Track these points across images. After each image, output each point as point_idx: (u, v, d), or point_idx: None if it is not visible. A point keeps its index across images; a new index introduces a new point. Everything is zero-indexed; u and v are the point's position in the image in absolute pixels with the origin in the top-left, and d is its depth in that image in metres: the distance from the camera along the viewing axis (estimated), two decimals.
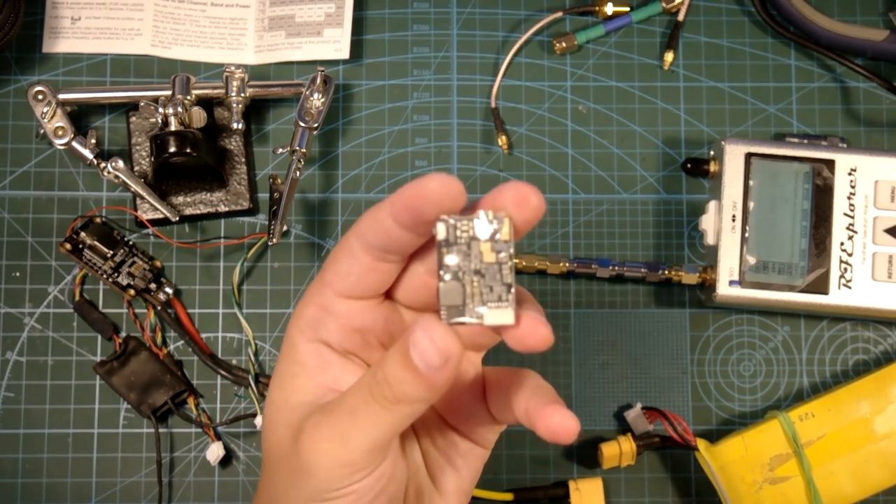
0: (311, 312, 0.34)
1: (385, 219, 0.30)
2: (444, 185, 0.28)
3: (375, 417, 0.30)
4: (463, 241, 0.29)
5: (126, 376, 0.55)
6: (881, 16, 0.61)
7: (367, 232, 0.31)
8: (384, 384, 0.30)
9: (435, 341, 0.28)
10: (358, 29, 0.60)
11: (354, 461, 0.31)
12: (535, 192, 0.29)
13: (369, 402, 0.30)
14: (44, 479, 0.55)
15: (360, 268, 0.32)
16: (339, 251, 0.33)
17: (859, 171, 0.55)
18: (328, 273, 0.33)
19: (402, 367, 0.29)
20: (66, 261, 0.57)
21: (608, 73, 0.60)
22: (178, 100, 0.54)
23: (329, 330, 0.34)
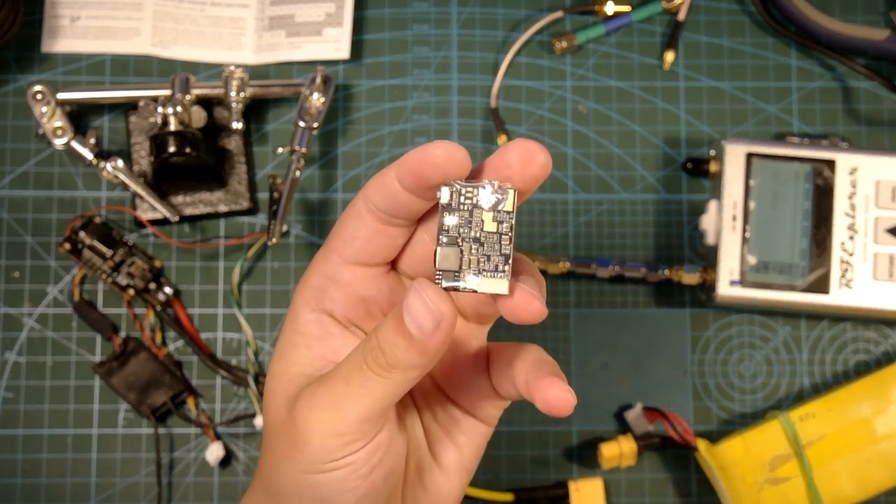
0: (315, 282, 0.34)
1: (391, 182, 0.30)
2: (449, 152, 0.28)
3: (369, 385, 0.30)
4: (466, 207, 0.29)
5: (125, 376, 0.55)
6: (882, 15, 0.60)
7: (373, 194, 0.31)
8: (377, 350, 0.30)
9: (428, 304, 0.28)
10: (358, 29, 0.60)
11: (348, 430, 0.30)
12: (541, 149, 0.29)
13: (363, 370, 0.30)
14: (43, 480, 0.55)
15: (367, 231, 0.32)
16: (346, 215, 0.33)
17: (860, 170, 0.54)
18: (334, 239, 0.33)
19: (395, 331, 0.29)
20: (65, 261, 0.57)
21: (608, 73, 0.60)
22: (178, 99, 0.54)
23: (333, 299, 0.33)
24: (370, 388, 0.30)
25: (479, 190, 0.29)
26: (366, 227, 0.32)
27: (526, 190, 0.29)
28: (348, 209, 0.33)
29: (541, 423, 0.56)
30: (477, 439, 0.37)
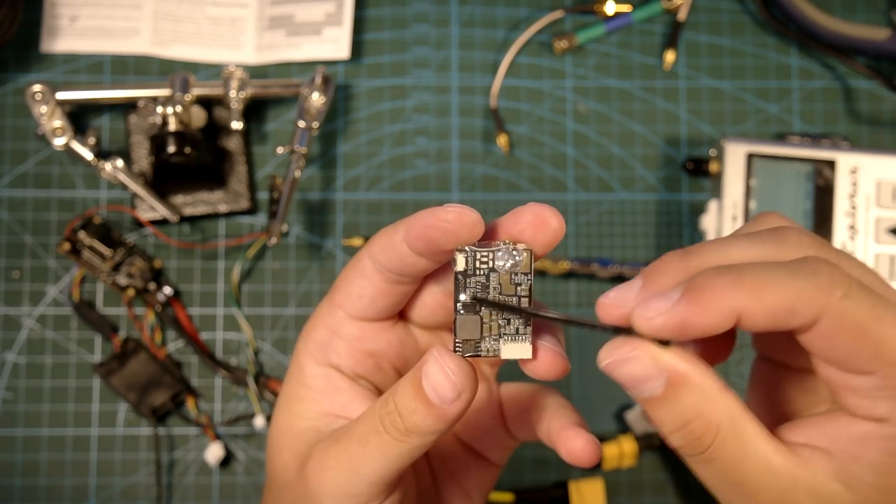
0: (320, 335, 0.33)
1: (399, 244, 0.29)
2: (461, 216, 0.27)
3: (385, 448, 0.29)
4: (482, 272, 0.28)
5: (125, 377, 0.55)
6: (883, 15, 0.60)
7: (380, 255, 0.30)
8: (395, 414, 0.29)
9: (448, 375, 0.28)
10: (358, 29, 0.60)
11: (362, 492, 0.30)
12: (554, 214, 0.28)
13: (380, 433, 0.29)
14: (42, 480, 0.55)
15: (374, 290, 0.31)
16: (351, 271, 0.32)
17: (861, 170, 0.54)
18: (339, 294, 0.32)
19: (413, 397, 0.28)
20: (65, 261, 0.56)
21: (609, 73, 0.60)
22: (178, 99, 0.54)
23: (339, 353, 0.33)
24: (386, 452, 0.29)
25: (495, 253, 0.28)
26: (372, 286, 0.31)
27: (538, 255, 0.29)
28: (352, 265, 0.32)
29: None
30: (486, 483, 0.37)
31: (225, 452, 0.55)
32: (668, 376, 0.25)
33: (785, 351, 0.30)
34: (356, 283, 0.32)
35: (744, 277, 0.24)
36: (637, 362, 0.25)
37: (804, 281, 0.24)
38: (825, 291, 0.24)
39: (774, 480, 0.26)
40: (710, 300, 0.24)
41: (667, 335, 0.25)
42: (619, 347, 0.25)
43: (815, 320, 0.24)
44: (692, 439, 0.26)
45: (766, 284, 0.24)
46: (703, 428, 0.25)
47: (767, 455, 0.26)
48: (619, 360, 0.25)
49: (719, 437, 0.25)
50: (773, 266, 0.25)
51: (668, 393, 0.25)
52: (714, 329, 0.25)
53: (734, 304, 0.24)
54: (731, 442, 0.25)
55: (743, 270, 0.25)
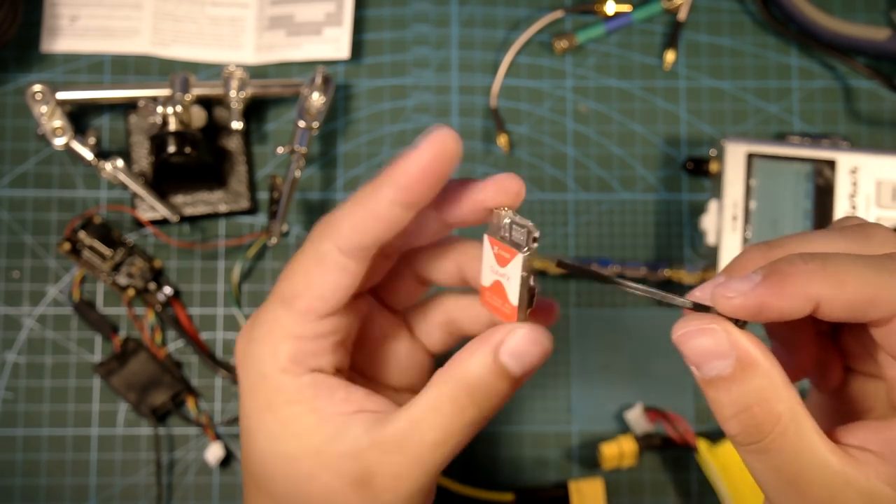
0: (289, 348, 0.31)
1: (388, 210, 0.29)
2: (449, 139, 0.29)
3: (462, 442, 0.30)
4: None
5: (125, 377, 0.55)
6: (883, 15, 0.60)
7: (356, 235, 0.29)
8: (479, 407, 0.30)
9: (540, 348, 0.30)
10: (358, 28, 0.60)
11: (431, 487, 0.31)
12: (514, 179, 0.30)
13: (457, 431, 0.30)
14: (43, 480, 0.55)
15: (350, 279, 0.30)
16: (311, 267, 0.30)
17: (861, 170, 0.54)
18: (300, 298, 0.31)
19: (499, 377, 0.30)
20: (65, 261, 0.56)
21: (609, 73, 0.60)
22: (178, 99, 0.54)
23: (317, 357, 0.32)
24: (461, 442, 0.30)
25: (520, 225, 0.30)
26: (347, 276, 0.30)
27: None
28: (307, 258, 0.30)
29: (541, 423, 0.56)
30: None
31: (225, 452, 0.55)
32: (738, 355, 0.25)
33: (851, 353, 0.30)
34: (321, 280, 0.30)
35: (827, 265, 0.25)
36: (711, 335, 0.25)
37: (889, 275, 0.25)
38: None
39: (829, 479, 0.26)
40: (792, 284, 0.25)
41: (744, 315, 0.25)
42: (695, 320, 0.26)
43: (893, 315, 0.25)
44: (751, 425, 0.26)
45: (849, 275, 0.25)
46: (765, 415, 0.25)
47: (824, 453, 0.26)
48: (693, 331, 0.26)
49: (779, 427, 0.26)
50: (858, 258, 0.25)
51: (735, 373, 0.25)
52: (792, 313, 0.25)
53: (815, 291, 0.25)
54: (791, 435, 0.26)
55: (827, 259, 0.25)
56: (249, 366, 0.32)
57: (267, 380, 0.31)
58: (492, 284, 0.31)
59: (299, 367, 0.31)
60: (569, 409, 0.56)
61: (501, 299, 0.31)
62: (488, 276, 0.31)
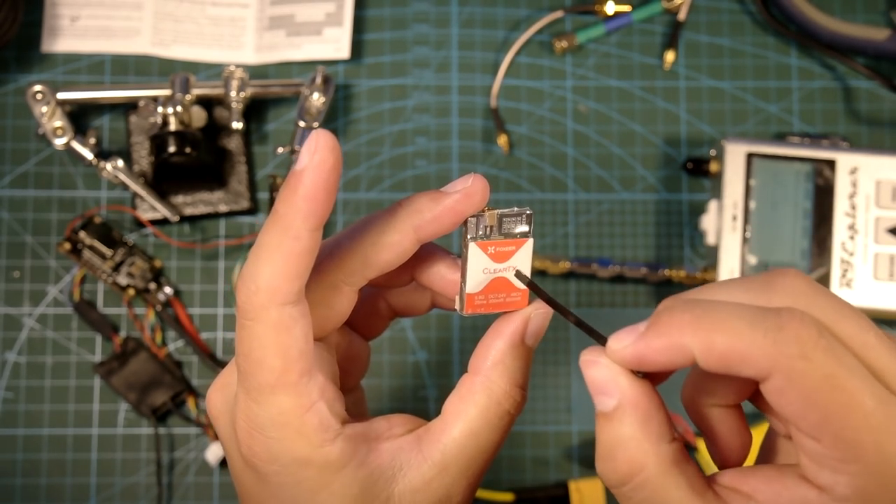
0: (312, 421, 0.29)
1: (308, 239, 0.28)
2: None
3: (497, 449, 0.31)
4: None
5: (126, 376, 0.55)
6: (882, 15, 0.60)
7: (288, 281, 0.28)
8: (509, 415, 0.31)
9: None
10: (358, 29, 0.60)
11: None
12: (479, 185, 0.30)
13: (492, 443, 0.31)
14: (43, 480, 0.55)
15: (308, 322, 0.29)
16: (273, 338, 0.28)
17: (861, 170, 0.54)
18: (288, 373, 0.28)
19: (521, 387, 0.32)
20: (65, 261, 0.57)
21: (608, 73, 0.60)
22: (178, 99, 0.54)
23: (335, 408, 0.30)
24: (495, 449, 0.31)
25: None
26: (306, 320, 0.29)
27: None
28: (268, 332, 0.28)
29: (541, 423, 0.56)
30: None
31: None
32: (620, 398, 0.26)
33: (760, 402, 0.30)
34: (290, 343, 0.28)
35: (704, 315, 0.24)
36: (599, 368, 0.26)
37: (763, 332, 0.24)
38: (781, 348, 0.23)
39: None
40: (665, 334, 0.25)
41: (630, 365, 0.26)
42: (594, 351, 0.27)
43: (767, 374, 0.24)
44: (612, 470, 0.26)
45: (722, 327, 0.24)
46: (627, 465, 0.26)
47: (688, 499, 0.26)
48: (588, 360, 0.27)
49: (639, 478, 0.26)
50: (741, 310, 0.24)
51: (614, 414, 0.26)
52: (669, 364, 0.25)
53: (686, 341, 0.24)
54: (650, 490, 0.26)
55: (707, 308, 0.25)
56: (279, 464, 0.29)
57: (310, 463, 0.29)
58: (487, 286, 0.31)
59: (330, 433, 0.29)
60: (569, 409, 0.56)
61: (505, 292, 0.32)
62: (479, 281, 0.31)
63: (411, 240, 0.30)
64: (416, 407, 0.56)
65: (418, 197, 0.31)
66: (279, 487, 0.30)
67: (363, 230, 0.31)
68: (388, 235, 0.30)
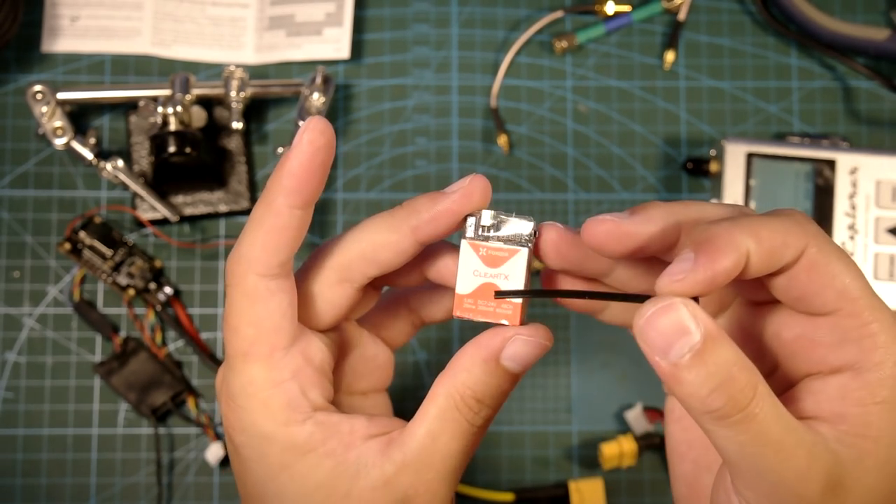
0: (279, 398, 0.30)
1: (289, 217, 0.29)
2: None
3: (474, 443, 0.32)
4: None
5: (126, 376, 0.55)
6: (882, 15, 0.60)
7: (270, 255, 0.29)
8: (483, 410, 0.31)
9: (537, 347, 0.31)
10: (358, 28, 0.60)
11: None
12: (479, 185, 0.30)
13: (465, 433, 0.31)
14: (43, 480, 0.55)
15: (288, 298, 0.30)
16: (249, 308, 0.29)
17: (861, 170, 0.54)
18: (259, 343, 0.30)
19: (506, 381, 0.31)
20: (65, 261, 0.57)
21: (608, 73, 0.60)
22: (178, 99, 0.54)
23: (309, 393, 0.31)
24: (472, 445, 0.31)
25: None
26: (287, 296, 0.30)
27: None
28: (245, 302, 0.29)
29: (541, 423, 0.56)
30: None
31: (225, 452, 0.55)
32: (704, 328, 0.25)
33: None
34: (265, 314, 0.30)
35: (742, 224, 0.27)
36: (674, 311, 0.25)
37: (789, 221, 0.27)
38: (806, 228, 0.27)
39: (804, 438, 0.26)
40: (727, 246, 0.26)
41: (702, 289, 0.26)
42: (654, 303, 0.26)
43: (801, 253, 0.27)
44: (735, 393, 0.25)
45: (760, 227, 0.27)
46: (745, 381, 0.25)
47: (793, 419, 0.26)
48: (655, 312, 0.25)
49: (757, 394, 0.25)
50: (758, 215, 0.28)
51: (706, 347, 0.25)
52: (734, 272, 0.26)
53: (745, 247, 0.26)
54: (766, 402, 0.26)
55: (737, 220, 0.27)
56: (246, 435, 0.30)
57: (274, 440, 0.30)
58: (477, 289, 0.30)
59: (299, 413, 0.30)
60: (569, 409, 0.56)
61: (496, 302, 0.30)
62: (470, 282, 0.30)
63: (410, 240, 0.30)
64: (415, 407, 0.56)
65: (418, 198, 0.31)
66: (247, 461, 0.31)
67: (364, 229, 0.31)
68: (387, 235, 0.31)
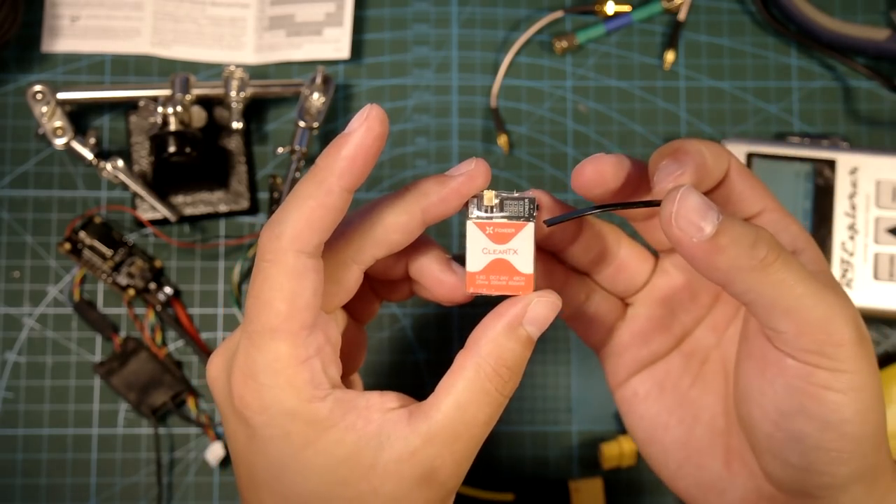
0: (304, 375, 0.30)
1: (338, 197, 0.30)
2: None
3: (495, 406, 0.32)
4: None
5: (126, 376, 0.55)
6: (882, 15, 0.60)
7: (313, 232, 0.29)
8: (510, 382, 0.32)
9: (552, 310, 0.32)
10: (358, 29, 0.60)
11: None
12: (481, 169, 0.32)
13: (492, 396, 0.31)
14: (43, 480, 0.55)
15: (321, 277, 0.30)
16: (285, 283, 0.29)
17: (861, 170, 0.54)
18: (290, 320, 0.30)
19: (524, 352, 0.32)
20: (65, 261, 0.57)
21: (609, 73, 0.60)
22: (178, 99, 0.54)
23: (330, 371, 0.31)
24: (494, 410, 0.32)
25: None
26: (320, 275, 0.30)
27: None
28: (281, 275, 0.29)
29: (541, 423, 0.56)
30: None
31: (225, 452, 0.55)
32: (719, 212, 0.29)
33: None
34: (300, 290, 0.30)
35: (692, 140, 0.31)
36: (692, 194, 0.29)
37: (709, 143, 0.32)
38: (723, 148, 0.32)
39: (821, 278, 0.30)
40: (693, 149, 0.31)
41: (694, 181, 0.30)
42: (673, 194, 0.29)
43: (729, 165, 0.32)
44: (769, 240, 0.29)
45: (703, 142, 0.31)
46: (768, 233, 0.29)
47: None
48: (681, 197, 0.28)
49: (780, 256, 0.29)
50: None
51: (726, 213, 0.29)
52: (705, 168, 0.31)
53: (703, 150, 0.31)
54: (787, 262, 0.30)
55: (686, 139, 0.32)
56: (268, 414, 0.30)
57: (297, 416, 0.30)
58: (487, 266, 0.32)
59: (321, 390, 0.30)
60: (569, 409, 0.56)
61: (508, 275, 0.32)
62: (480, 260, 0.32)
63: (419, 221, 0.32)
64: None
65: (425, 181, 0.32)
66: (267, 441, 0.30)
67: (373, 211, 0.32)
68: (397, 217, 0.32)
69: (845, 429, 0.29)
